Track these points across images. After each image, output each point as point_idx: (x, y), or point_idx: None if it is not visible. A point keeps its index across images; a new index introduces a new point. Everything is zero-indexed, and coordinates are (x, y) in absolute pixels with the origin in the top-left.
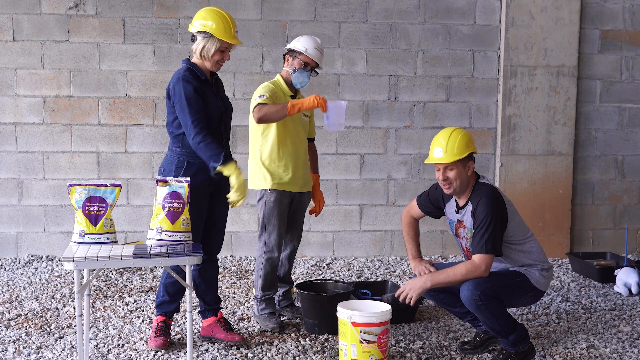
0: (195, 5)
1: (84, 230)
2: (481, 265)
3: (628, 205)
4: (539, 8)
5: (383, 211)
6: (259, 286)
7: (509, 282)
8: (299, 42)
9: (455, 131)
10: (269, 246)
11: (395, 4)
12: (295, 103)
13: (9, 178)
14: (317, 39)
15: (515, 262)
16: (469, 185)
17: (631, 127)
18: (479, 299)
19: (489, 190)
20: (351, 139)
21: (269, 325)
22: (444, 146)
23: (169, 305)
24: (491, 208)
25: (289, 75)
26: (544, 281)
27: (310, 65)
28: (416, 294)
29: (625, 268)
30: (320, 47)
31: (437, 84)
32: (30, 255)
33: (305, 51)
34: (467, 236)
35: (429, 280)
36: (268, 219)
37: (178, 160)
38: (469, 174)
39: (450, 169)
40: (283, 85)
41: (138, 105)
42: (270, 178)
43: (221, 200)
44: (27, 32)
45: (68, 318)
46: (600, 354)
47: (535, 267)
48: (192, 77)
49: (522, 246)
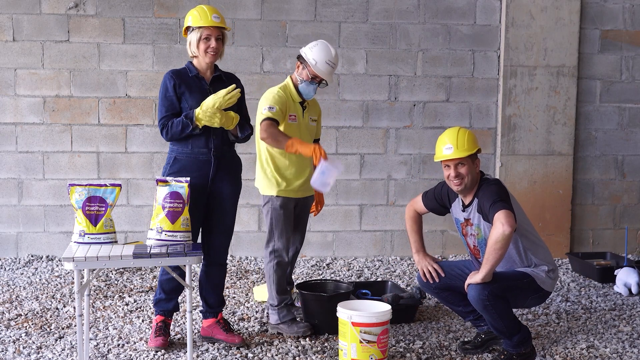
0: (195, 6)
1: (84, 230)
2: (504, 219)
3: (628, 205)
4: (539, 8)
5: (383, 211)
6: (273, 293)
7: (516, 284)
8: (311, 52)
9: (461, 129)
10: (279, 250)
11: (395, 4)
12: (294, 144)
13: (9, 178)
14: (333, 50)
15: (525, 260)
16: (476, 182)
17: (631, 127)
18: (486, 298)
19: (493, 182)
20: (351, 139)
21: (299, 331)
22: (454, 143)
23: (166, 304)
24: (496, 193)
25: (297, 82)
26: (550, 282)
27: (319, 78)
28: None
29: (625, 268)
30: (333, 61)
31: (437, 84)
32: (30, 255)
33: (314, 65)
34: (474, 233)
35: (488, 276)
36: (276, 224)
37: (169, 157)
38: (477, 171)
39: (462, 164)
40: (293, 91)
41: (138, 105)
42: (276, 184)
43: (217, 201)
44: (27, 32)
45: (68, 318)
46: (600, 354)
47: (541, 267)
48: (173, 76)
49: (534, 238)
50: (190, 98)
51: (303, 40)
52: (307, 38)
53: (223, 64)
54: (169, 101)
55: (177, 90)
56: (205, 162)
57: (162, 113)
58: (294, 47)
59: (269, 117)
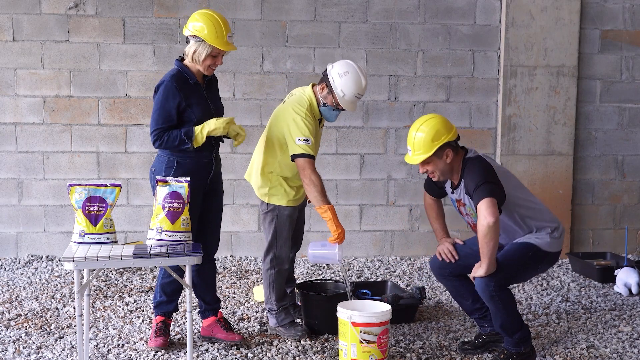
0: (195, 5)
1: (84, 230)
2: (486, 211)
3: (628, 205)
4: (539, 8)
5: (383, 211)
6: (273, 299)
7: (520, 262)
8: (340, 81)
9: (421, 127)
10: (280, 258)
11: (395, 4)
12: (329, 212)
13: (9, 178)
14: (364, 80)
15: (525, 227)
16: (454, 168)
17: (631, 127)
18: (493, 289)
19: (476, 161)
20: (351, 139)
21: (296, 335)
22: (411, 145)
23: (167, 306)
24: (479, 173)
25: (320, 102)
26: (556, 242)
27: (342, 107)
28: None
29: (625, 268)
30: (362, 93)
31: (437, 84)
32: (30, 255)
33: (341, 97)
34: (469, 213)
35: (491, 268)
36: (280, 232)
37: (168, 160)
38: (449, 161)
39: (426, 162)
40: (316, 110)
41: (138, 105)
42: (286, 194)
43: (214, 199)
44: (27, 32)
45: (68, 318)
46: (600, 354)
47: (544, 229)
48: (177, 88)
49: (529, 203)
50: (197, 109)
51: (303, 40)
52: (307, 38)
53: (223, 64)
54: (167, 113)
55: (181, 105)
56: (207, 164)
57: (158, 124)
58: (294, 47)
59: (310, 155)
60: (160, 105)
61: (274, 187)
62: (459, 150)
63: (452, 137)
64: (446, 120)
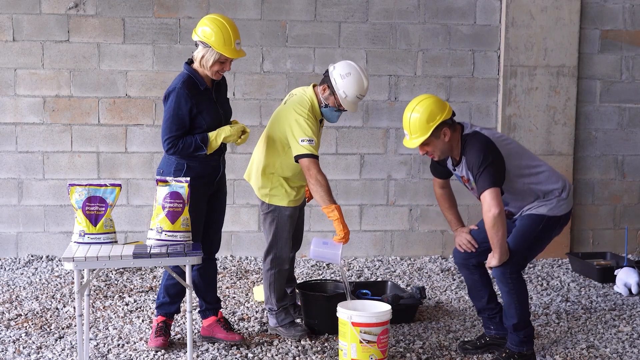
0: (195, 5)
1: (84, 230)
2: (490, 202)
3: (628, 205)
4: (539, 8)
5: (383, 211)
6: (273, 299)
7: (533, 238)
8: (342, 82)
9: (416, 107)
10: (281, 258)
11: (395, 4)
12: (336, 211)
13: (9, 178)
14: (365, 81)
15: (532, 195)
16: (453, 146)
17: (631, 127)
18: (509, 276)
19: (474, 138)
20: (351, 139)
21: (296, 335)
22: (407, 129)
23: (169, 307)
24: (479, 153)
25: (322, 103)
26: (564, 204)
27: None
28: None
29: (625, 268)
30: (364, 94)
31: (437, 84)
32: (30, 255)
33: (343, 98)
34: (474, 187)
35: (503, 257)
36: (281, 233)
37: (177, 162)
38: (447, 140)
39: (425, 144)
40: (317, 111)
41: (138, 105)
42: (287, 195)
43: (219, 200)
44: (27, 32)
45: (68, 318)
46: (600, 354)
47: (552, 193)
48: (189, 95)
49: (533, 169)
50: (207, 116)
51: (303, 40)
52: (307, 38)
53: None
54: (181, 120)
55: (193, 111)
56: (215, 167)
57: (172, 131)
58: (294, 47)
59: (314, 155)
60: (174, 113)
61: (275, 188)
62: (456, 127)
63: (447, 116)
64: (439, 100)
